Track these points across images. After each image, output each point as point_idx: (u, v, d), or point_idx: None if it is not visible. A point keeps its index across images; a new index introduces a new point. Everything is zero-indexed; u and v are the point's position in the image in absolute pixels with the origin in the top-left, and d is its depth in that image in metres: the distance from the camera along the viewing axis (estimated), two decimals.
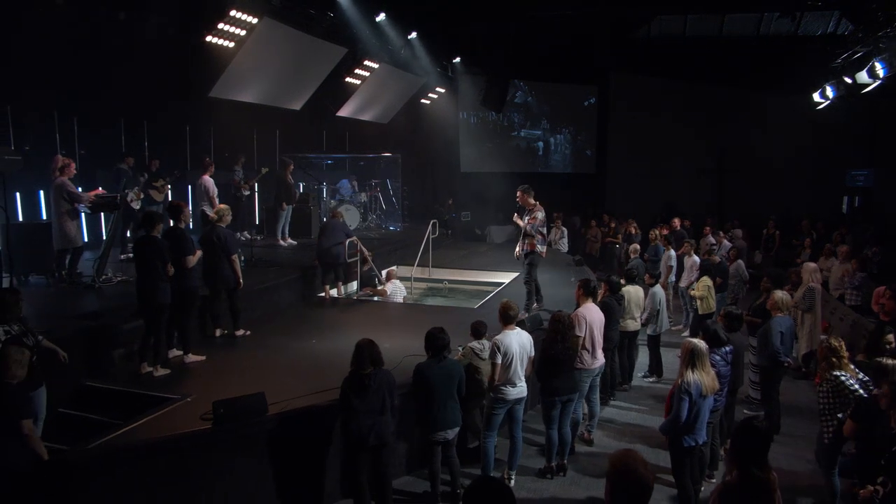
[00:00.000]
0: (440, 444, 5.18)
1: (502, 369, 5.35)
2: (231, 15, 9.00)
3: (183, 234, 6.27)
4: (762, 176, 17.44)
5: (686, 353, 4.57)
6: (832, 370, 4.74)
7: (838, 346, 4.75)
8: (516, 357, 5.38)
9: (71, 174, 7.67)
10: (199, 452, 4.71)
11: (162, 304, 5.91)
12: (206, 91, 10.31)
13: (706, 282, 8.67)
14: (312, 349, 6.96)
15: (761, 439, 3.18)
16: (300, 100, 12.87)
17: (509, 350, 5.35)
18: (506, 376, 5.37)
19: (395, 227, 14.97)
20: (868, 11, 10.44)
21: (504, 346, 5.35)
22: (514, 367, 5.38)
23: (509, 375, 5.38)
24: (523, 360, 5.46)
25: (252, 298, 7.92)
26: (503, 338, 5.41)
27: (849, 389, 4.60)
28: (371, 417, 4.66)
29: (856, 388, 4.60)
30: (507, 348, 5.35)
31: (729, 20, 16.66)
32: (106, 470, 4.38)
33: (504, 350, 5.34)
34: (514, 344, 5.39)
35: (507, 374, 5.37)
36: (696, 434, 4.64)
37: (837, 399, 4.71)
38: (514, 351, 5.37)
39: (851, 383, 4.62)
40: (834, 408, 4.72)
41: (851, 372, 4.78)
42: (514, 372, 5.39)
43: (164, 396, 5.45)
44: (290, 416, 5.01)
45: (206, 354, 6.51)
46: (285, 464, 5.00)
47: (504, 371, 5.36)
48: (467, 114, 18.72)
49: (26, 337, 4.64)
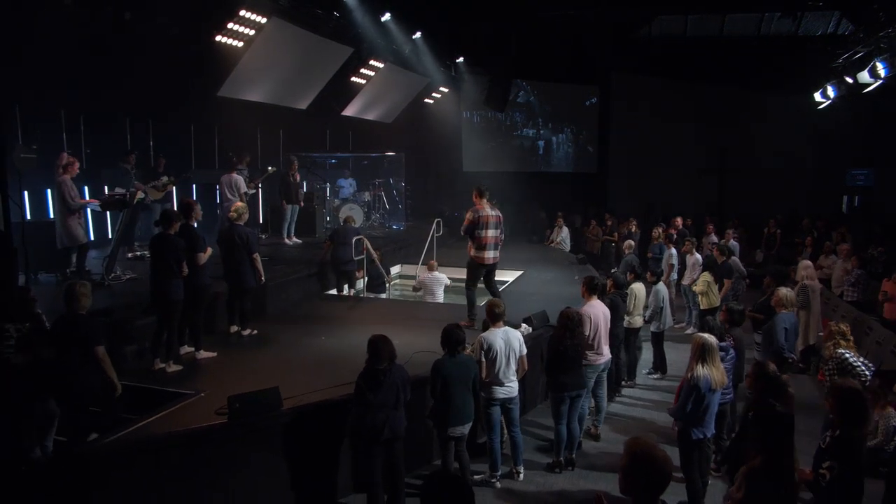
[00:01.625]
0: (454, 439, 5.26)
1: (488, 365, 5.41)
2: (240, 15, 9.08)
3: (194, 231, 6.33)
4: (763, 175, 17.52)
5: (696, 348, 4.66)
6: (838, 349, 4.86)
7: (846, 330, 4.89)
8: (501, 354, 5.41)
9: (74, 173, 7.66)
10: (215, 446, 4.78)
11: (176, 300, 5.97)
12: (214, 90, 10.38)
13: (706, 277, 8.77)
14: (322, 346, 7.02)
15: (784, 425, 3.25)
16: (306, 99, 12.95)
17: (493, 346, 5.40)
18: (492, 373, 5.42)
19: (398, 225, 15.02)
20: (870, 12, 10.52)
21: (488, 343, 5.41)
22: (500, 364, 5.42)
23: (496, 373, 5.42)
24: (510, 358, 5.48)
25: (261, 296, 7.99)
26: (488, 335, 5.48)
27: (852, 366, 4.73)
28: (385, 411, 4.73)
29: (859, 365, 4.72)
30: (491, 344, 5.41)
31: (730, 20, 16.74)
32: (125, 463, 4.44)
33: (487, 346, 5.40)
34: (498, 341, 5.43)
35: (493, 370, 5.42)
36: (704, 427, 4.72)
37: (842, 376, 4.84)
38: (499, 348, 5.41)
39: (854, 361, 4.75)
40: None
41: (856, 353, 4.91)
42: (500, 370, 5.43)
43: (177, 392, 5.50)
44: (304, 410, 5.08)
45: (217, 351, 6.58)
46: (299, 458, 5.07)
47: (490, 367, 5.41)
48: (470, 113, 18.79)
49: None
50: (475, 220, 7.20)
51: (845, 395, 3.61)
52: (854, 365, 4.74)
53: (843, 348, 4.87)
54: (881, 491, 4.69)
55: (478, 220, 7.21)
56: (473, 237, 7.26)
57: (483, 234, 7.23)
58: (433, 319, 7.40)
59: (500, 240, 7.48)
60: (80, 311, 4.72)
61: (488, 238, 7.28)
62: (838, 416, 3.62)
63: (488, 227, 7.24)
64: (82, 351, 4.65)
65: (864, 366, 4.81)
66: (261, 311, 7.84)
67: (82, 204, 7.77)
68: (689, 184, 18.18)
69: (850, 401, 3.57)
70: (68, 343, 4.68)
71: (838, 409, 3.60)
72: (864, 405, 3.61)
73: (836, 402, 3.61)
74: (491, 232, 7.28)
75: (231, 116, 11.29)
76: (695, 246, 10.32)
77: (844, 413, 3.58)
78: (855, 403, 3.57)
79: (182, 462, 4.62)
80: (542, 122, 19.79)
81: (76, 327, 4.67)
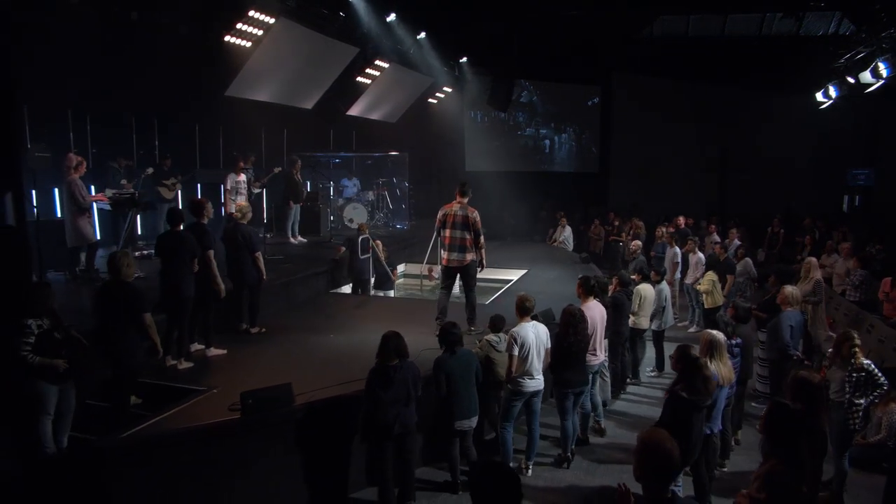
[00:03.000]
0: (460, 434, 5.33)
1: (519, 361, 5.48)
2: (249, 15, 9.15)
3: (205, 229, 6.40)
4: (763, 175, 17.60)
5: (705, 345, 4.74)
6: (858, 359, 4.92)
7: (855, 336, 4.97)
8: (532, 348, 5.51)
9: (82, 172, 7.76)
10: (229, 441, 4.84)
11: (187, 297, 6.04)
12: (222, 90, 10.45)
13: (711, 276, 8.85)
14: (331, 343, 7.09)
15: (795, 421, 3.32)
16: (312, 99, 13.02)
17: (526, 341, 5.49)
18: (523, 368, 5.51)
19: (402, 225, 15.10)
20: (872, 13, 10.60)
21: (521, 338, 5.49)
22: (531, 358, 5.51)
23: (526, 367, 5.51)
24: (540, 351, 5.59)
25: (268, 294, 8.03)
26: (519, 329, 5.55)
27: (878, 379, 4.82)
28: (396, 407, 4.80)
29: (880, 376, 4.81)
30: (524, 340, 5.49)
31: (731, 20, 16.81)
32: (142, 457, 4.52)
33: (521, 341, 5.48)
34: (530, 335, 5.53)
35: (524, 365, 5.50)
36: (712, 422, 4.80)
37: (868, 386, 4.96)
38: (531, 342, 5.51)
39: (877, 372, 4.82)
40: (858, 395, 4.97)
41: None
42: (531, 364, 5.52)
43: (189, 388, 5.58)
44: (316, 406, 5.14)
45: (227, 348, 6.65)
46: (310, 453, 5.13)
47: (521, 362, 5.49)
48: (474, 113, 18.86)
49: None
50: (441, 217, 7.05)
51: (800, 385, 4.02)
52: (878, 375, 4.88)
53: (860, 358, 4.97)
54: (881, 485, 4.78)
55: (444, 219, 7.02)
56: (440, 236, 7.15)
57: (444, 233, 7.05)
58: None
59: (466, 241, 6.98)
60: (126, 279, 5.02)
61: (447, 238, 7.03)
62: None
63: (451, 226, 6.96)
64: (126, 317, 4.96)
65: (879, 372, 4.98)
66: (269, 309, 7.90)
67: (92, 201, 7.84)
68: (690, 183, 18.25)
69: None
70: (113, 310, 4.96)
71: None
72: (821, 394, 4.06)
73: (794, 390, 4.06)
74: (450, 232, 6.98)
75: (237, 116, 11.35)
76: (697, 245, 10.40)
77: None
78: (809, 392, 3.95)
79: (197, 456, 4.69)
80: (545, 121, 19.87)
81: (120, 295, 4.97)
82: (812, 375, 4.25)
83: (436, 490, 5.46)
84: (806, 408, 3.89)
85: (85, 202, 7.68)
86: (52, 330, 4.69)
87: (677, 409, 4.12)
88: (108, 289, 5.08)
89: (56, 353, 4.61)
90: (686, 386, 4.44)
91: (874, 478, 5.52)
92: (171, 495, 4.55)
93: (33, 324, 4.58)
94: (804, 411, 3.86)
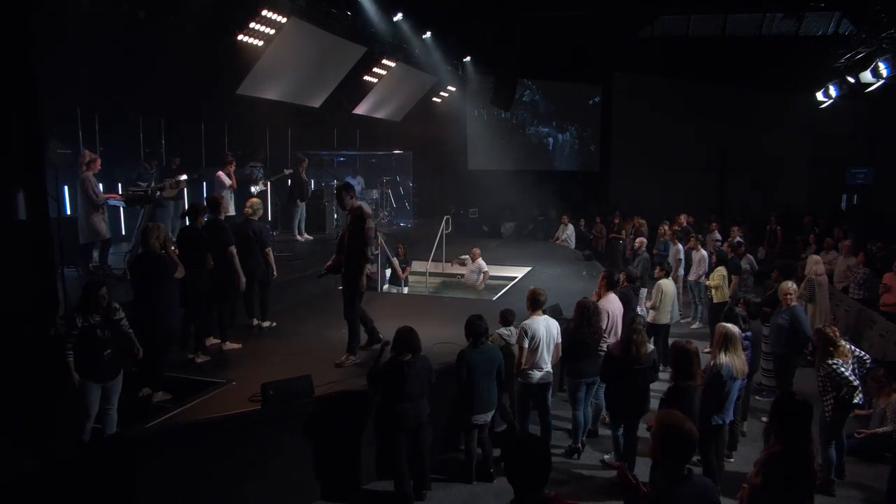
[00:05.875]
0: (476, 427, 5.44)
1: (529, 353, 5.60)
2: (262, 14, 9.26)
3: (223, 225, 6.51)
4: (763, 174, 17.75)
5: (720, 337, 4.88)
6: (827, 359, 5.10)
7: (832, 336, 5.13)
8: (543, 342, 5.63)
9: (95, 170, 7.84)
10: (249, 432, 4.94)
11: (202, 292, 6.14)
12: (234, 88, 10.54)
13: (721, 272, 8.96)
14: (342, 338, 7.13)
15: (803, 412, 3.44)
16: (320, 97, 13.12)
17: (536, 334, 5.61)
18: (532, 360, 5.63)
19: (405, 223, 15.19)
20: (872, 13, 10.73)
21: (531, 331, 5.61)
22: (541, 351, 5.63)
23: (535, 360, 5.63)
24: (549, 345, 5.71)
25: (278, 290, 8.14)
26: (531, 322, 5.67)
27: (840, 377, 4.99)
28: (410, 400, 4.91)
29: (846, 374, 4.98)
30: (535, 332, 5.61)
31: (731, 20, 16.93)
32: (168, 446, 4.62)
33: (531, 334, 5.60)
34: (541, 328, 5.65)
35: (534, 358, 5.62)
36: (724, 413, 4.94)
37: (830, 383, 5.13)
38: (541, 335, 5.63)
39: (842, 371, 5.00)
40: (827, 391, 5.18)
41: (844, 356, 5.13)
42: (541, 356, 5.64)
43: (209, 381, 5.69)
44: (334, 398, 5.26)
45: (241, 343, 6.75)
46: (327, 444, 5.24)
47: (531, 355, 5.61)
48: (478, 112, 18.96)
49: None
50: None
51: (677, 353, 4.72)
52: (840, 375, 5.05)
53: (831, 358, 5.12)
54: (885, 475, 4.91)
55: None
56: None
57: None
58: (451, 313, 7.59)
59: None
60: (152, 250, 5.51)
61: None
62: (674, 371, 4.81)
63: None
64: (155, 283, 5.46)
65: (852, 367, 5.13)
66: (280, 305, 8.00)
67: (106, 199, 7.93)
68: (690, 182, 18.38)
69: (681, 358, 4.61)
70: (144, 278, 5.49)
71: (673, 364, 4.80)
72: (690, 361, 4.67)
73: (673, 360, 4.81)
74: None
75: (244, 114, 11.43)
76: (699, 243, 10.54)
77: (677, 368, 4.70)
78: (683, 360, 4.63)
79: (219, 446, 4.79)
80: (546, 120, 19.98)
81: (148, 265, 5.52)
82: (689, 343, 4.85)
83: (452, 479, 5.58)
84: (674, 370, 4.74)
85: (98, 199, 7.76)
86: (94, 327, 4.75)
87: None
88: (140, 259, 5.69)
89: (95, 352, 4.72)
90: (622, 348, 5.33)
91: (878, 468, 5.66)
92: (194, 485, 4.64)
93: (79, 321, 4.69)
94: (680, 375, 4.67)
